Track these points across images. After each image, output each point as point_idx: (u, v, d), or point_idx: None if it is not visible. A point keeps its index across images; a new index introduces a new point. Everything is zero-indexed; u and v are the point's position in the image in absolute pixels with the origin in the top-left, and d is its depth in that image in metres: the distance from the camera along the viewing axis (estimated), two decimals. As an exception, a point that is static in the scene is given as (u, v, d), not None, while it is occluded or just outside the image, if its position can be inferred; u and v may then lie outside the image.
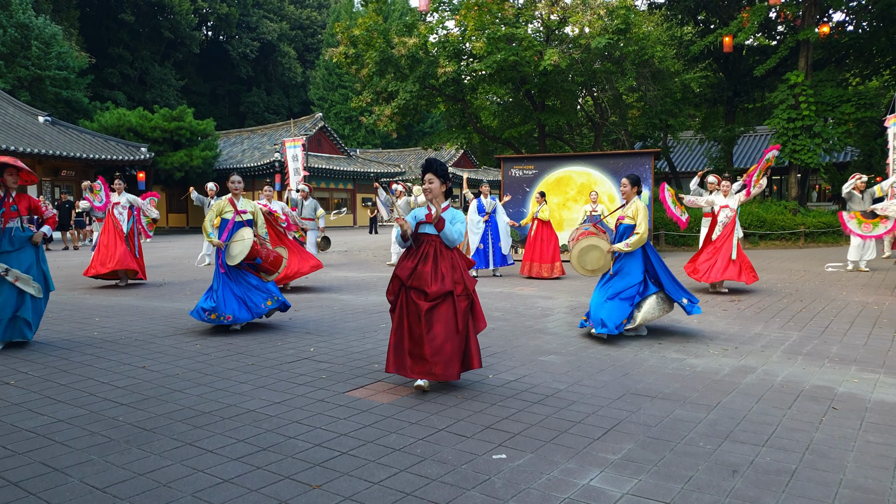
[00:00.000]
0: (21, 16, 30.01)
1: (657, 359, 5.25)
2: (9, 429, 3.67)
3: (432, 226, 4.37)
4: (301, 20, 56.31)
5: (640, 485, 2.90)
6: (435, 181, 4.40)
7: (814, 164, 18.62)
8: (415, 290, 4.31)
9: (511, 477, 2.99)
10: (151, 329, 6.64)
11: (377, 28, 16.79)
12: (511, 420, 3.77)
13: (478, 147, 23.55)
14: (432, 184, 4.40)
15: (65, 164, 24.84)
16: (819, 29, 18.00)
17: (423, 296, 4.27)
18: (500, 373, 4.84)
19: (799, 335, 6.15)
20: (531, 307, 7.97)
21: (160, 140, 29.38)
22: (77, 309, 7.96)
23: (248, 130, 37.97)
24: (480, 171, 39.09)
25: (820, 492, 2.82)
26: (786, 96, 18.45)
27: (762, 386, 4.45)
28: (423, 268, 4.31)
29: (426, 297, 4.25)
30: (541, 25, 18.04)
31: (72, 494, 2.83)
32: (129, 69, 43.27)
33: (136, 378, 4.73)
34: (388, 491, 2.85)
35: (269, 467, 3.11)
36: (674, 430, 3.60)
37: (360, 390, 4.40)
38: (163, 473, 3.04)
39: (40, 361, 5.25)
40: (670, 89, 18.49)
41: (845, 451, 3.28)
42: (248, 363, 5.17)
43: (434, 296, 4.24)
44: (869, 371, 4.84)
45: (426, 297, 4.25)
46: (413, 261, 4.37)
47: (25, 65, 29.86)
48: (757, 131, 30.35)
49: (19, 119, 24.95)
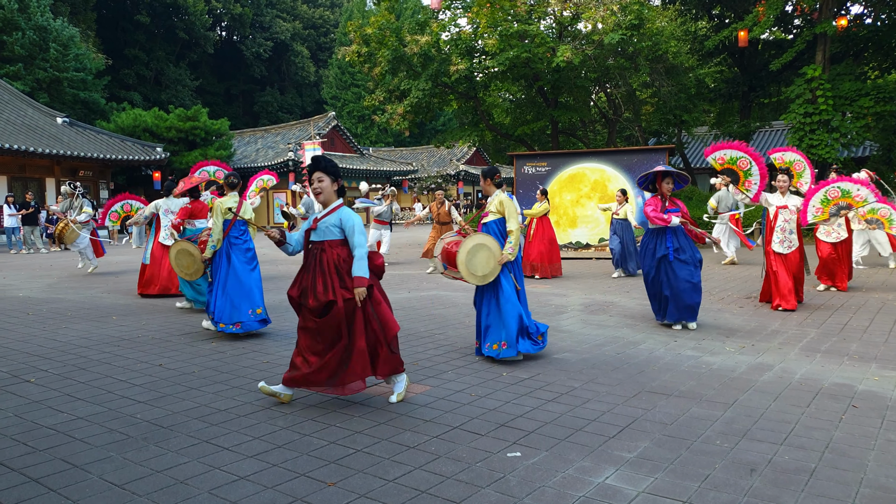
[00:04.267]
0: (39, 18, 30.37)
1: (672, 356, 5.21)
2: (30, 426, 3.72)
3: (320, 231, 3.97)
4: (314, 19, 56.49)
5: (655, 483, 2.88)
6: (325, 179, 3.97)
7: (831, 160, 18.36)
8: (304, 306, 3.96)
9: (526, 475, 2.98)
10: (167, 328, 6.70)
11: (389, 27, 16.81)
12: (525, 418, 3.76)
13: (490, 144, 23.51)
14: (322, 182, 3.97)
15: (83, 164, 25.12)
16: (837, 22, 17.74)
17: (308, 311, 3.93)
18: (515, 370, 4.83)
19: (817, 332, 6.08)
20: (545, 304, 7.94)
21: (175, 140, 29.62)
22: (94, 308, 8.06)
23: (261, 130, 38.13)
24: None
25: (840, 491, 2.79)
26: (802, 90, 18.20)
27: (780, 384, 4.40)
28: (308, 281, 3.94)
29: (310, 311, 3.91)
30: (553, 22, 17.97)
31: (91, 491, 2.86)
32: (144, 70, 43.65)
33: (153, 376, 4.77)
34: (403, 489, 2.85)
35: (284, 464, 3.13)
36: (690, 428, 3.57)
37: (375, 388, 4.41)
38: (180, 470, 3.07)
39: (60, 360, 5.32)
40: (684, 84, 18.34)
41: (866, 450, 3.23)
42: (263, 361, 5.20)
43: (316, 310, 3.87)
44: (890, 369, 4.77)
45: (310, 311, 3.91)
46: (301, 275, 4.02)
47: (44, 67, 30.21)
48: (773, 126, 29.97)
49: (38, 120, 25.26)
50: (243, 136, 37.52)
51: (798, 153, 8.24)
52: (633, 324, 6.66)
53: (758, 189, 7.37)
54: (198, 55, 47.59)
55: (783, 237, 7.35)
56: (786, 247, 7.34)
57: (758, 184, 7.34)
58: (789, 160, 8.21)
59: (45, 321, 7.13)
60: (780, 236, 7.37)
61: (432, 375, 4.72)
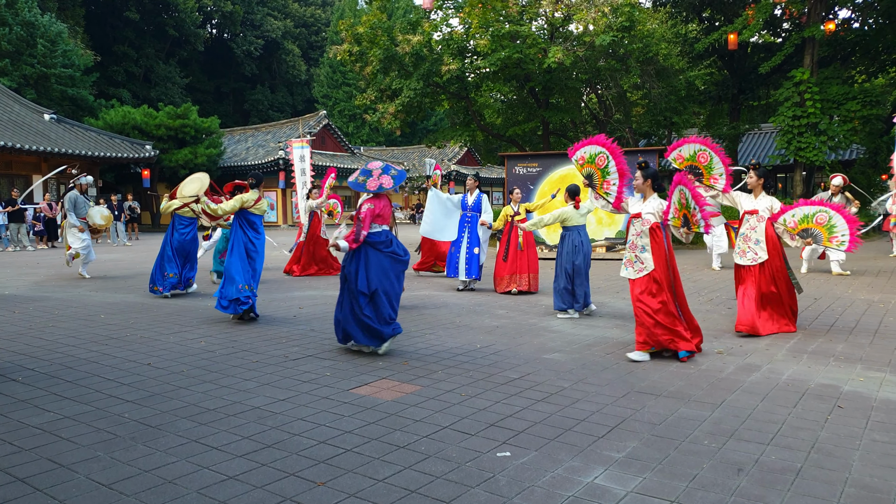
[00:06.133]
0: (27, 14, 30.07)
1: (661, 357, 5.24)
2: (15, 425, 3.68)
3: None
4: (305, 18, 56.30)
5: (644, 483, 2.89)
6: None
7: (819, 162, 18.54)
8: None
9: (515, 474, 2.99)
10: (156, 326, 6.66)
11: (381, 26, 16.79)
12: (515, 418, 3.77)
13: (481, 145, 23.52)
14: None
15: (70, 161, 24.89)
16: (825, 26, 17.91)
17: None
18: (504, 370, 4.84)
19: (804, 333, 6.13)
20: (534, 305, 7.96)
21: (165, 138, 29.41)
22: (82, 306, 7.99)
23: (252, 128, 37.98)
24: (484, 169, 39.08)
25: (825, 490, 2.82)
26: (791, 94, 18.37)
27: (767, 384, 4.44)
28: None
29: None
30: (545, 23, 18.01)
31: (78, 491, 2.84)
32: (133, 67, 43.32)
33: (141, 375, 4.74)
34: (393, 488, 2.85)
35: (273, 464, 3.12)
36: (678, 428, 3.59)
37: (365, 388, 4.40)
38: (168, 470, 3.05)
39: (46, 358, 5.27)
40: (675, 86, 18.43)
41: (851, 450, 3.27)
42: (253, 360, 5.18)
43: None
44: (875, 370, 4.82)
45: None
46: None
47: (31, 63, 29.91)
48: (762, 129, 30.21)
49: (25, 117, 25.02)
50: (233, 134, 37.34)
51: (698, 141, 6.20)
52: (622, 324, 6.69)
53: (724, 185, 6.12)
54: (188, 53, 47.28)
55: (746, 247, 6.19)
56: (749, 259, 6.17)
57: (724, 179, 6.11)
58: (689, 155, 6.21)
59: (31, 319, 7.06)
60: (743, 246, 6.21)
61: (422, 375, 4.72)
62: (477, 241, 9.25)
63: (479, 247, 9.25)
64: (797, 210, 6.09)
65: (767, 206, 6.19)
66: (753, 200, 6.25)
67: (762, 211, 6.17)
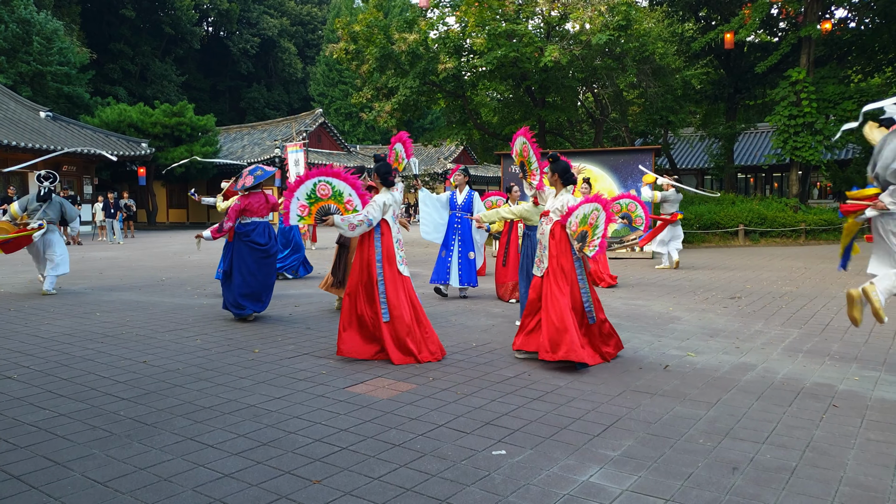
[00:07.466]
0: (23, 11, 29.94)
1: (657, 356, 5.25)
2: (11, 423, 3.67)
3: None
4: (301, 16, 56.20)
5: (639, 481, 2.90)
6: None
7: (815, 162, 18.59)
8: None
9: (511, 473, 2.99)
10: (152, 324, 6.64)
11: (377, 24, 16.78)
12: (511, 416, 3.78)
13: (478, 143, 23.53)
14: None
15: (66, 159, 24.82)
16: (821, 26, 17.95)
17: None
18: (500, 369, 4.84)
19: (799, 332, 6.15)
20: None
21: (161, 135, 29.33)
22: (78, 304, 7.97)
23: (248, 126, 37.89)
24: (480, 168, 39.07)
25: (820, 489, 2.82)
26: (787, 93, 18.42)
27: (762, 383, 4.45)
28: None
29: None
30: (541, 22, 18.01)
31: (73, 488, 2.84)
32: (129, 65, 43.18)
33: (137, 373, 4.73)
34: (388, 486, 2.85)
35: (269, 462, 3.12)
36: (673, 427, 3.60)
37: (360, 386, 4.40)
38: (163, 468, 3.05)
39: (42, 356, 5.25)
40: (671, 86, 18.46)
41: (846, 449, 3.28)
42: (249, 358, 5.17)
43: None
44: (870, 369, 4.84)
45: None
46: None
47: (27, 60, 29.80)
48: (758, 128, 30.29)
49: (21, 114, 24.92)
50: (230, 132, 37.25)
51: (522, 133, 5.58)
52: (617, 323, 6.69)
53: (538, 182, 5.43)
54: (184, 50, 47.16)
55: (539, 254, 5.22)
56: (541, 269, 5.15)
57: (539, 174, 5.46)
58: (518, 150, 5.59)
59: (26, 317, 7.04)
60: (538, 253, 5.25)
61: (418, 374, 4.72)
62: (471, 245, 8.40)
63: (475, 251, 8.45)
64: (580, 209, 5.01)
65: (559, 207, 5.14)
66: (552, 199, 5.26)
67: (553, 212, 5.18)
